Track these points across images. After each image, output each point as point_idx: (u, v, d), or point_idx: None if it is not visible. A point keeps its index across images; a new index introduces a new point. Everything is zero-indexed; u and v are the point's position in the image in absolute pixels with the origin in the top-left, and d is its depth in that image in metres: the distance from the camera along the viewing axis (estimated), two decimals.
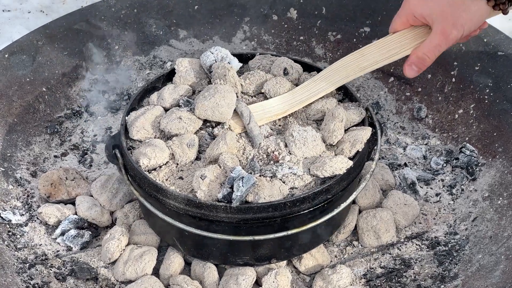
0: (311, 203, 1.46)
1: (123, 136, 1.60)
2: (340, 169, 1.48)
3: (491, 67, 2.04)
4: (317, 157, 1.53)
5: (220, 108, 1.55)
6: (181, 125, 1.57)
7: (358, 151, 1.55)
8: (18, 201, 1.87)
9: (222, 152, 1.50)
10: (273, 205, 1.42)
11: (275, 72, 1.73)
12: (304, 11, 2.39)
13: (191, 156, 1.54)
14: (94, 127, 2.18)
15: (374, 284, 1.69)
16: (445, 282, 1.67)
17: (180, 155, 1.53)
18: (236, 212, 1.43)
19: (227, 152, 1.50)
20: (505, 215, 1.75)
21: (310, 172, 1.49)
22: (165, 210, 1.53)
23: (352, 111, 1.63)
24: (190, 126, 1.58)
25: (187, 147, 1.52)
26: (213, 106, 1.55)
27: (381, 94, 2.27)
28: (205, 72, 1.74)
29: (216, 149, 1.50)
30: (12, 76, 2.07)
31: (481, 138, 1.99)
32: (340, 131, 1.56)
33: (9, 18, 2.82)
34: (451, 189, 1.94)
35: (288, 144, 1.53)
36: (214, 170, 1.46)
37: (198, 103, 1.57)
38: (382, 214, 1.78)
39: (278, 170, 1.47)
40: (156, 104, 1.68)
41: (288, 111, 1.64)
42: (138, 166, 1.51)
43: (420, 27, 1.58)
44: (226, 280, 1.63)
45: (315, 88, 1.65)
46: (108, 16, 2.30)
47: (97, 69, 2.28)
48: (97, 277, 1.69)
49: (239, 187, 1.39)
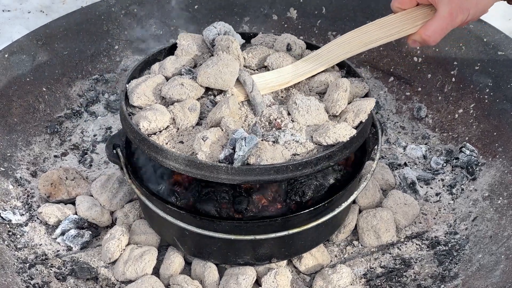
0: (313, 169, 1.43)
1: (124, 101, 1.57)
2: (343, 136, 1.44)
3: (491, 67, 2.05)
4: (320, 125, 1.50)
5: (223, 75, 1.53)
6: (183, 91, 1.54)
7: (361, 122, 1.51)
8: (18, 201, 1.87)
9: (224, 116, 1.47)
10: (275, 168, 1.39)
11: (278, 48, 1.71)
12: (304, 11, 2.39)
13: (193, 120, 1.51)
14: (94, 127, 2.18)
15: (374, 284, 1.69)
16: (445, 281, 1.67)
17: (181, 118, 1.50)
18: (237, 173, 1.39)
19: (230, 116, 1.48)
20: (505, 215, 1.75)
21: (313, 140, 1.46)
22: (165, 209, 1.53)
23: (356, 84, 1.61)
24: (192, 93, 1.54)
25: (189, 111, 1.49)
26: (216, 73, 1.53)
27: (381, 93, 2.27)
28: (208, 47, 1.72)
29: (219, 112, 1.47)
30: (12, 76, 2.07)
31: (481, 137, 1.99)
32: (344, 101, 1.53)
33: (9, 18, 2.82)
34: (451, 189, 1.94)
35: (291, 112, 1.51)
36: (216, 132, 1.43)
37: (201, 71, 1.54)
38: (382, 213, 1.78)
39: (281, 136, 1.44)
40: (157, 73, 1.65)
41: (291, 82, 1.62)
42: (138, 128, 1.48)
43: (424, 7, 1.57)
44: (226, 280, 1.63)
45: (318, 61, 1.63)
46: (108, 16, 2.30)
47: (97, 69, 2.28)
48: (97, 277, 1.69)
49: (242, 147, 1.36)
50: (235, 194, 1.55)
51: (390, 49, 2.29)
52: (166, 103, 1.57)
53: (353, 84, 1.60)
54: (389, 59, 2.29)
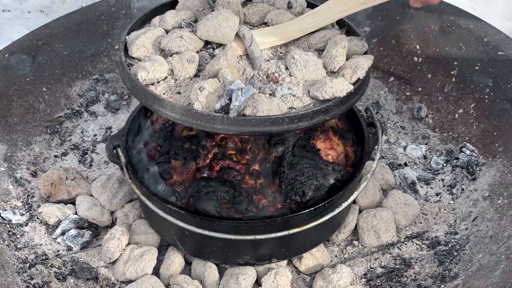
0: (309, 122, 1.42)
1: (123, 52, 1.57)
2: (340, 91, 1.43)
3: (491, 67, 2.05)
4: (317, 80, 1.50)
5: (223, 29, 1.53)
6: (182, 43, 1.54)
7: (359, 78, 1.50)
8: (18, 201, 1.87)
9: (222, 68, 1.47)
10: (271, 119, 1.38)
11: (279, 5, 1.72)
12: None
13: (191, 71, 1.51)
14: (94, 127, 2.18)
15: (374, 284, 1.69)
16: (446, 281, 1.67)
17: (179, 69, 1.50)
18: (233, 123, 1.39)
19: (227, 68, 1.48)
20: (505, 215, 1.75)
21: (309, 94, 1.46)
22: (165, 209, 1.53)
23: (355, 42, 1.60)
24: (191, 45, 1.55)
25: (187, 62, 1.51)
26: (215, 26, 1.53)
27: (381, 93, 2.27)
28: (209, 3, 1.73)
29: (217, 64, 1.48)
30: (12, 76, 2.07)
31: (481, 137, 1.99)
32: (342, 57, 1.52)
33: (9, 18, 2.82)
34: (451, 189, 1.94)
35: (289, 66, 1.51)
36: (213, 83, 1.44)
37: (201, 24, 1.55)
38: (382, 213, 1.78)
39: (278, 90, 1.44)
40: (157, 26, 1.66)
41: (290, 38, 1.62)
42: (136, 78, 1.49)
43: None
44: (226, 280, 1.63)
45: (317, 18, 1.63)
46: (108, 15, 2.30)
47: (97, 69, 2.28)
48: (97, 276, 1.69)
49: (238, 97, 1.37)
50: (235, 194, 1.55)
51: (390, 49, 2.29)
52: (165, 55, 1.58)
53: (352, 42, 1.59)
54: (389, 59, 2.29)
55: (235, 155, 1.66)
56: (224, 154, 1.65)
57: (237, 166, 1.63)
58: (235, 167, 1.62)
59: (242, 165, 1.63)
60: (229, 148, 1.66)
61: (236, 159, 1.65)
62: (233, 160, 1.64)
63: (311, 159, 1.62)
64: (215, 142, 1.67)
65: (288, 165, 1.60)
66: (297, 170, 1.59)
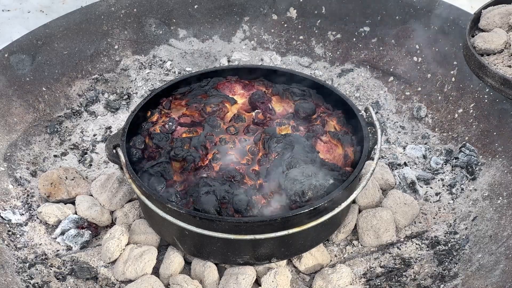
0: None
1: (470, 22, 1.75)
2: None
3: None
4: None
5: None
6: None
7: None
8: (18, 201, 1.87)
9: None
10: None
11: None
12: (304, 10, 2.39)
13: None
14: (94, 126, 2.18)
15: (374, 284, 1.69)
16: (445, 281, 1.67)
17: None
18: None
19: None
20: (505, 215, 1.75)
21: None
22: (165, 208, 1.53)
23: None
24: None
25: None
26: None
27: (381, 93, 2.27)
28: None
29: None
30: (12, 76, 2.08)
31: (481, 137, 1.99)
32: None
33: (9, 18, 2.83)
34: (451, 189, 1.94)
35: None
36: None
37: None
38: (382, 213, 1.78)
39: None
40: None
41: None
42: (471, 46, 1.66)
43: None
44: (226, 280, 1.63)
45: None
46: (108, 15, 2.30)
47: (97, 69, 2.28)
48: (97, 276, 1.69)
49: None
50: (235, 193, 1.55)
51: (390, 49, 2.29)
52: (510, 29, 1.73)
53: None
54: (389, 59, 2.29)
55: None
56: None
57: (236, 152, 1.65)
58: (235, 167, 1.62)
59: (242, 165, 1.63)
60: (229, 148, 1.66)
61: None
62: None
63: (311, 159, 1.62)
64: (215, 143, 1.67)
65: (288, 165, 1.60)
66: (297, 170, 1.58)
